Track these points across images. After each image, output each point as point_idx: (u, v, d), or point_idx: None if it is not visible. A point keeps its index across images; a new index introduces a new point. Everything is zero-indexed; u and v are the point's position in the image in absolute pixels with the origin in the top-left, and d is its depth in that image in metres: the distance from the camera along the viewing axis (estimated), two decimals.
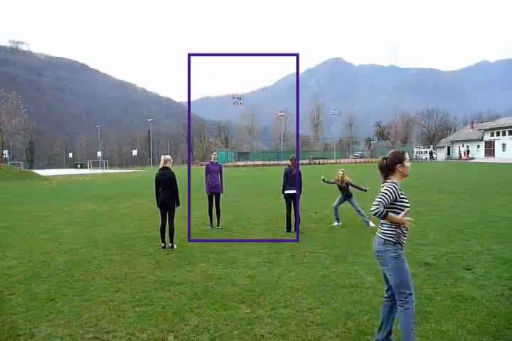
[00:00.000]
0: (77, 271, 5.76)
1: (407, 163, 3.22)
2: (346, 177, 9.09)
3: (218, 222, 9.17)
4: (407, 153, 3.32)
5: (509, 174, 24.85)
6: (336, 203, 9.20)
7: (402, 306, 3.13)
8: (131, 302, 4.48)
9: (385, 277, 3.33)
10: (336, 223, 9.05)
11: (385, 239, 3.19)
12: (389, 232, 3.19)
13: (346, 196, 9.14)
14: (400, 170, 3.19)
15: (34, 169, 64.48)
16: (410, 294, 3.13)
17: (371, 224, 8.73)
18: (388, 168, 3.21)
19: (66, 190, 21.95)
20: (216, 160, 9.28)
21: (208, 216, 9.20)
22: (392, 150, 3.34)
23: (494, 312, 3.93)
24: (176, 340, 3.57)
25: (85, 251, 7.04)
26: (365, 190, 9.09)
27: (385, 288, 3.40)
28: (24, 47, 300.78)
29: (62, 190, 22.14)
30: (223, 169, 9.42)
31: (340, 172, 9.16)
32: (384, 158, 3.25)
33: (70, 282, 5.27)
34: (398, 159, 3.20)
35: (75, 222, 10.41)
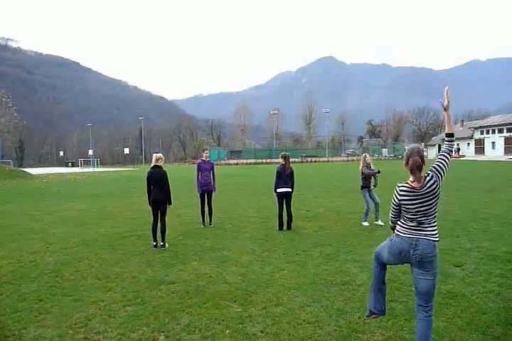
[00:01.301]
0: (67, 271, 5.69)
1: None
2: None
3: (210, 221, 9.14)
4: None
5: (499, 172, 25.14)
6: (373, 199, 8.79)
7: (427, 312, 3.03)
8: (122, 301, 4.45)
9: (388, 262, 3.24)
10: (380, 221, 8.66)
11: (436, 242, 3.03)
12: (437, 234, 3.05)
13: (369, 186, 8.86)
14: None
15: (24, 167, 63.74)
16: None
17: (365, 223, 8.70)
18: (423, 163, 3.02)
19: (58, 189, 21.73)
20: (208, 159, 9.24)
21: (200, 214, 9.16)
22: (412, 148, 3.08)
23: (484, 308, 3.97)
24: (167, 340, 3.55)
25: (76, 251, 6.97)
26: (379, 172, 8.89)
27: (379, 263, 3.29)
28: (14, 44, 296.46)
29: (53, 189, 21.92)
30: (215, 167, 9.38)
31: (366, 155, 9.05)
32: (420, 157, 3.01)
33: (59, 282, 5.21)
34: (422, 153, 3.10)
35: (65, 221, 10.31)
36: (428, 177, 3.01)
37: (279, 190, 8.40)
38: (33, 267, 5.95)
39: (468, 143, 62.13)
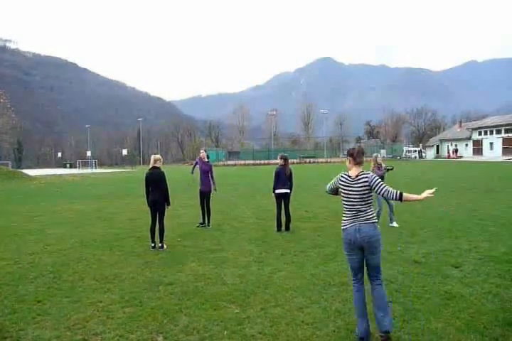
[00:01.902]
0: (65, 272, 5.68)
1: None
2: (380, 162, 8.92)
3: (208, 222, 9.12)
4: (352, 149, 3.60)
5: (496, 172, 25.18)
6: (387, 201, 8.42)
7: (379, 280, 3.47)
8: (120, 303, 4.44)
9: (355, 265, 3.53)
10: (395, 223, 8.46)
11: (376, 223, 3.43)
12: (375, 215, 3.47)
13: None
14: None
15: (22, 169, 63.50)
16: None
17: (395, 224, 8.44)
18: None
19: (57, 190, 21.68)
20: (206, 159, 9.19)
21: (200, 211, 9.14)
22: (354, 147, 3.63)
23: (482, 309, 3.97)
24: None
25: (74, 252, 6.96)
26: (392, 168, 9.56)
27: (355, 275, 3.57)
28: (12, 46, 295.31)
29: (51, 190, 21.87)
30: (213, 169, 9.32)
31: (378, 155, 9.08)
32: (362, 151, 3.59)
33: (57, 283, 5.20)
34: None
35: (63, 222, 10.28)
36: (365, 175, 3.42)
37: (277, 191, 8.39)
38: (31, 268, 5.94)
39: (467, 144, 62.17)
